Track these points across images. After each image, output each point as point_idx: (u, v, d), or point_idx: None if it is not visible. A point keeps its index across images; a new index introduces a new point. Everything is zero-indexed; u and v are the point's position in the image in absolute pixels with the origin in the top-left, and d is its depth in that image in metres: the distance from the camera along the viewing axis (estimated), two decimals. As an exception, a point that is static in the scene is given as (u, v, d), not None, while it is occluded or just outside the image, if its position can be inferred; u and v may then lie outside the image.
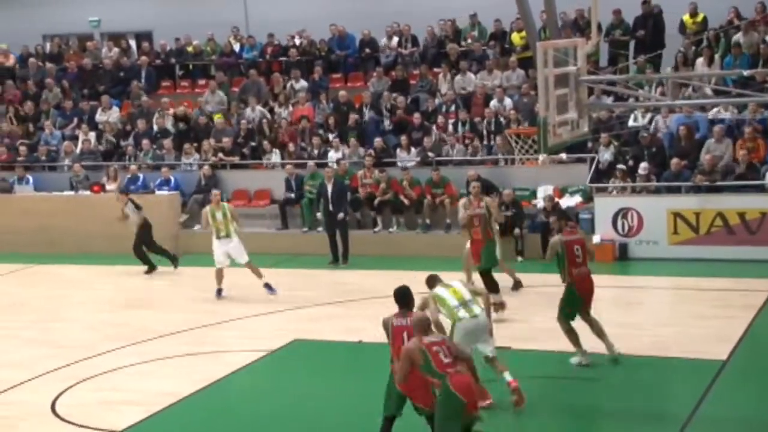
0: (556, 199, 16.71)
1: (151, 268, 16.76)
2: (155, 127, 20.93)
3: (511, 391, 9.08)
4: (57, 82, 22.71)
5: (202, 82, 22.65)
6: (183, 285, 15.80)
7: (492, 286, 12.44)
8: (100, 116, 21.66)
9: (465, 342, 8.76)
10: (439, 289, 9.18)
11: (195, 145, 20.11)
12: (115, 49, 23.66)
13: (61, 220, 18.75)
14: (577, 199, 17.07)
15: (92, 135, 21.11)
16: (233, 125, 20.55)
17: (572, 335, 10.42)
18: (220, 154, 19.79)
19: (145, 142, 20.37)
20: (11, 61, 23.98)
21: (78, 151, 20.78)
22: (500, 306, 12.22)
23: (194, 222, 19.00)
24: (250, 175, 19.74)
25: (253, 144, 19.91)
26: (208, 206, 15.02)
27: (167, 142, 20.21)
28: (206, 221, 14.82)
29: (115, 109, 21.83)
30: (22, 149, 20.91)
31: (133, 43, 24.71)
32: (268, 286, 14.40)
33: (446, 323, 8.98)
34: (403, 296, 7.71)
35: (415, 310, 8.05)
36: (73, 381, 10.50)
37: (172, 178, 19.29)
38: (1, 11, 25.14)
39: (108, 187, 19.53)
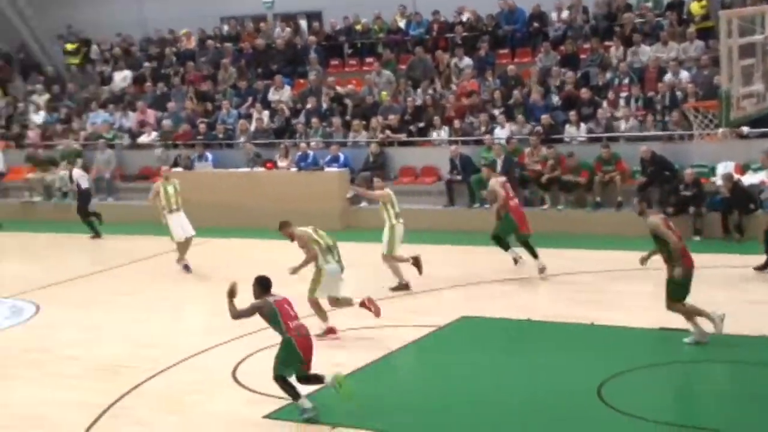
0: (736, 176, 15.94)
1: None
2: (324, 105, 21.39)
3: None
4: (234, 62, 23.58)
5: (369, 60, 22.95)
6: (351, 260, 16.09)
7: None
8: (272, 95, 22.34)
9: (331, 282, 11.28)
10: (307, 230, 11.39)
11: (363, 122, 20.43)
12: (287, 30, 24.33)
13: (237, 196, 19.49)
14: (760, 176, 16.21)
15: (265, 114, 21.81)
16: (401, 102, 20.72)
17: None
18: (388, 132, 20.02)
19: (314, 120, 20.87)
20: (192, 43, 25.08)
21: (252, 129, 21.53)
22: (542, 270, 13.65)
23: (361, 199, 19.35)
24: (417, 153, 19.86)
25: (420, 124, 20.00)
26: (159, 181, 15.88)
27: (336, 120, 20.62)
28: (155, 195, 15.70)
29: (287, 87, 22.45)
30: (202, 127, 21.87)
31: (303, 23, 25.30)
32: (186, 267, 15.47)
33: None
34: (267, 283, 9.13)
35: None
36: (252, 349, 10.93)
37: (341, 156, 19.68)
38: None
39: (280, 164, 20.16)
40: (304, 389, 8.92)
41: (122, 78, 24.66)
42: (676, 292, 10.17)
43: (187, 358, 10.91)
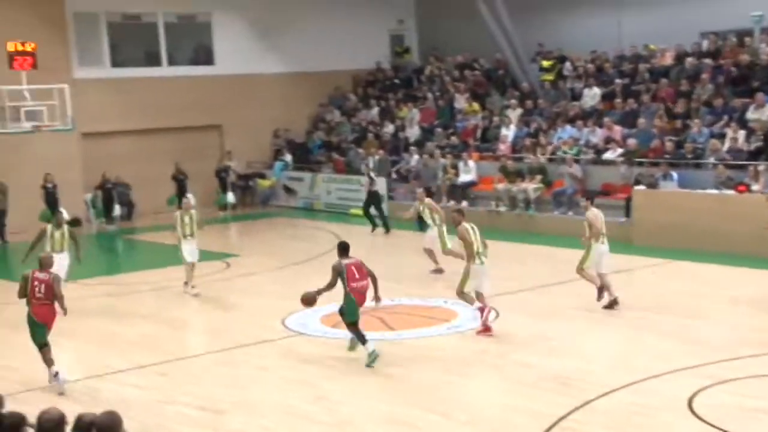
0: None
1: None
2: (811, 126, 19.47)
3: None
4: (711, 79, 22.51)
5: None
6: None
7: None
8: (751, 114, 20.89)
9: (476, 279, 12.89)
10: (468, 226, 13.04)
11: None
12: (775, 45, 22.60)
13: (704, 219, 18.54)
14: None
15: (741, 133, 20.45)
16: None
17: None
18: None
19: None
20: (668, 59, 24.44)
21: (724, 149, 20.33)
22: None
23: None
24: None
25: None
26: (417, 202, 18.13)
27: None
28: (414, 214, 18.28)
29: (768, 106, 20.85)
30: (669, 145, 21.16)
31: (796, 38, 23.30)
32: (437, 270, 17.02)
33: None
34: (345, 247, 11.89)
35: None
36: (711, 381, 10.23)
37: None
38: (659, 11, 25.71)
39: (753, 187, 18.77)
40: None
41: (592, 95, 24.85)
42: None
43: (639, 380, 10.52)
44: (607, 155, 22.41)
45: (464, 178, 24.12)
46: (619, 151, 22.19)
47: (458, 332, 13.18)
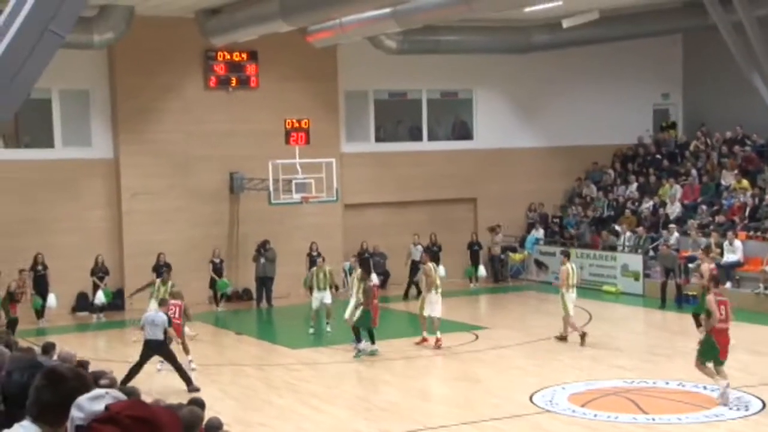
0: None
1: None
2: None
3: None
4: None
5: None
6: None
7: None
8: None
9: (429, 306, 17.27)
10: (431, 266, 17.82)
11: None
12: None
13: None
14: None
15: None
16: None
17: None
18: None
19: None
20: None
21: None
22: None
23: None
24: None
25: None
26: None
27: None
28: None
29: None
30: None
31: None
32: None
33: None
34: (368, 268, 18.05)
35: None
36: None
37: None
38: None
39: None
40: None
41: None
42: None
43: None
44: None
45: (728, 257, 22.73)
46: None
47: (718, 421, 12.27)
